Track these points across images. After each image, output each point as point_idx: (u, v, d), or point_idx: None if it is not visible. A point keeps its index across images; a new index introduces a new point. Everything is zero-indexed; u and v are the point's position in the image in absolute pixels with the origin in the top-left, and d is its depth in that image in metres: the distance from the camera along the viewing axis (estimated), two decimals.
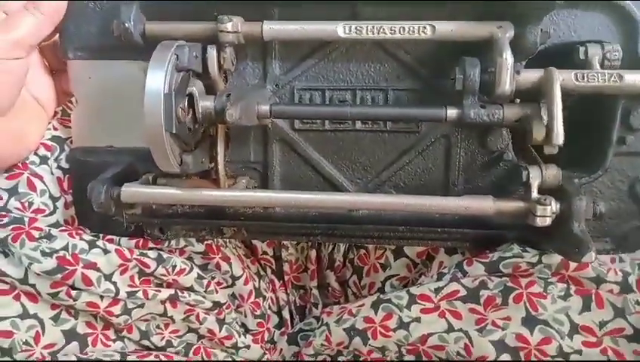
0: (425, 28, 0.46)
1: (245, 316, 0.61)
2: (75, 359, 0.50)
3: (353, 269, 0.61)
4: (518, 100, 0.47)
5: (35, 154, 0.53)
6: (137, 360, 0.53)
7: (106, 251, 0.51)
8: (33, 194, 0.52)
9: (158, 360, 0.53)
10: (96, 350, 0.52)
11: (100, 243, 0.51)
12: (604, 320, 0.47)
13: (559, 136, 0.43)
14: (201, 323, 0.56)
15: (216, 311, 0.58)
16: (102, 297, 0.51)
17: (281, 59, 0.51)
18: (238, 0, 0.48)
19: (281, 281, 0.65)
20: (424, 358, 0.50)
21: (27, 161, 0.52)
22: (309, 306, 0.64)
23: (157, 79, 0.43)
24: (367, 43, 0.49)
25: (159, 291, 0.53)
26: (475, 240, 0.52)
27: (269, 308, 0.64)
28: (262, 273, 0.64)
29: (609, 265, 0.49)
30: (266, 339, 0.62)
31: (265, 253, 0.64)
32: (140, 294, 0.52)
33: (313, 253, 0.63)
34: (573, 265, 0.48)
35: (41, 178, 0.53)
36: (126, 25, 0.47)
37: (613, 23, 0.48)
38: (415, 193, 0.52)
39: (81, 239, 0.51)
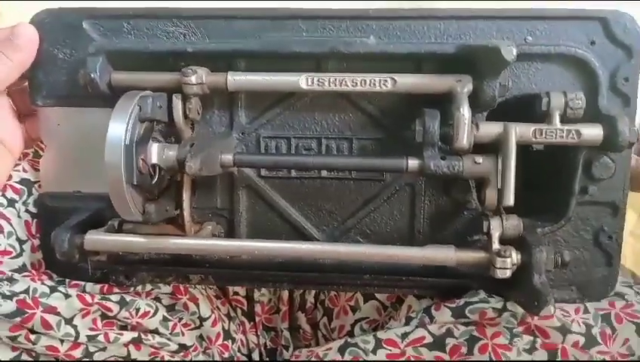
0: (386, 81, 0.47)
1: (213, 358, 0.60)
2: None
3: (324, 311, 0.61)
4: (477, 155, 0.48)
5: (3, 196, 0.53)
6: None
7: (67, 295, 0.51)
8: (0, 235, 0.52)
9: None
10: None
11: (61, 288, 0.51)
12: None
13: (510, 198, 0.44)
14: None
15: (182, 353, 0.57)
16: (62, 341, 0.51)
17: (247, 108, 0.52)
18: (205, 52, 0.49)
19: (252, 323, 0.65)
20: None
21: None
22: (280, 349, 0.64)
23: (118, 130, 0.43)
24: (332, 93, 0.50)
25: (122, 334, 0.53)
26: (440, 289, 0.52)
27: (239, 350, 0.63)
28: (232, 314, 0.64)
29: (573, 316, 0.49)
30: None
31: (236, 293, 0.64)
32: (101, 338, 0.52)
33: (285, 294, 0.63)
34: None
35: (8, 220, 0.53)
36: (92, 75, 0.48)
37: (573, 75, 0.49)
38: (381, 240, 0.52)
39: (43, 283, 0.51)
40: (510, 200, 0.45)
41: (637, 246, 0.81)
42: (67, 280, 0.54)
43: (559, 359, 0.47)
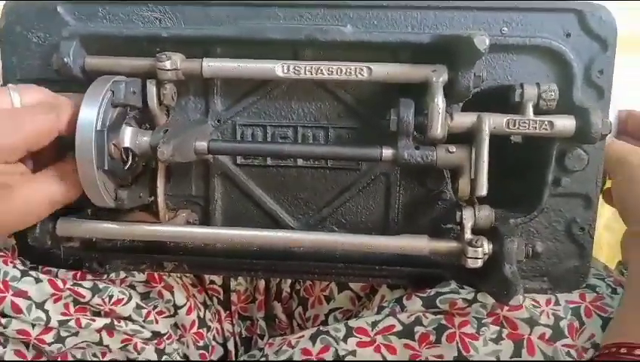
0: (362, 69, 0.47)
1: (187, 346, 0.60)
2: None
3: (299, 301, 0.61)
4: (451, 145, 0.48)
5: None
6: None
7: (37, 280, 0.51)
8: None
9: None
10: None
11: (32, 272, 0.51)
12: None
13: (482, 188, 0.44)
14: (139, 353, 0.56)
15: (155, 341, 0.57)
16: (33, 325, 0.50)
17: (223, 96, 0.51)
18: (180, 38, 0.49)
19: (228, 312, 0.64)
20: None
21: None
22: (255, 338, 0.64)
23: (89, 115, 0.43)
24: (309, 82, 0.50)
25: (94, 320, 0.53)
26: (414, 278, 0.53)
27: (214, 339, 0.63)
28: (208, 303, 0.64)
29: (543, 307, 0.49)
30: None
31: (212, 282, 0.64)
32: (72, 323, 0.51)
33: (262, 284, 0.63)
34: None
35: None
36: (65, 60, 0.47)
37: (548, 67, 0.49)
38: (356, 229, 0.52)
39: (15, 267, 0.51)
40: (483, 190, 0.45)
41: (612, 240, 0.82)
42: (40, 266, 0.53)
43: (524, 349, 0.47)
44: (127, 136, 0.46)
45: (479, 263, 0.45)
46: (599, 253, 0.57)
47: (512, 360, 0.47)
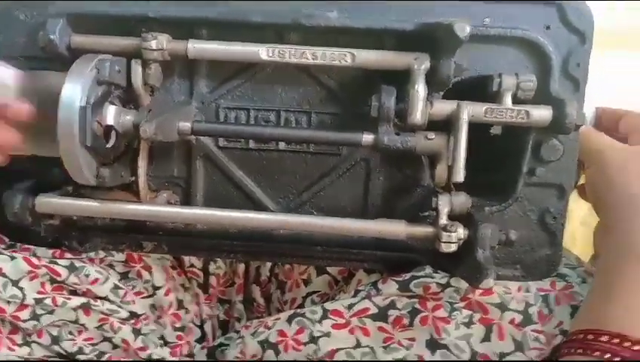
0: (345, 55, 0.47)
1: (165, 327, 0.61)
2: None
3: (277, 284, 0.62)
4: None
5: None
6: None
7: (12, 258, 0.51)
8: None
9: None
10: None
11: (7, 251, 0.51)
12: (503, 352, 0.48)
13: (459, 174, 0.46)
14: (115, 333, 0.56)
15: (132, 321, 0.58)
16: (8, 302, 0.51)
17: (207, 78, 0.52)
18: (166, 18, 0.49)
19: (207, 295, 0.65)
20: None
21: None
22: (233, 321, 0.65)
23: (73, 91, 0.43)
24: (293, 67, 0.50)
25: (70, 299, 0.53)
26: (389, 262, 0.54)
27: (192, 321, 0.64)
28: (187, 285, 0.64)
29: (514, 294, 0.50)
30: (185, 352, 0.62)
31: (192, 265, 0.64)
32: (48, 301, 0.52)
33: (241, 268, 0.64)
34: (479, 290, 0.50)
35: None
36: (51, 37, 0.47)
37: (528, 58, 0.50)
38: (335, 214, 0.53)
39: None
40: (460, 176, 0.46)
41: (587, 235, 0.83)
42: (19, 244, 0.53)
43: (494, 334, 0.49)
44: (111, 113, 0.46)
45: (453, 248, 0.46)
46: (574, 248, 0.58)
47: None
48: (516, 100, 0.47)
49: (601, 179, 0.50)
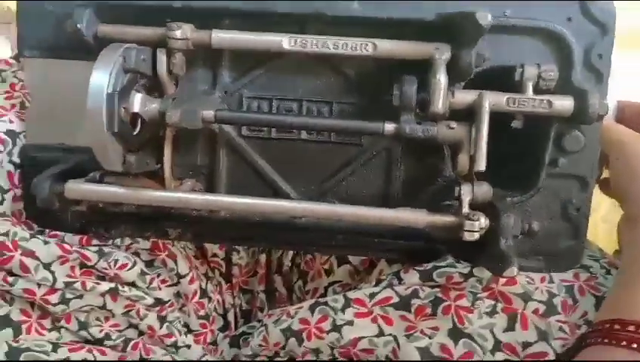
0: (367, 45, 0.48)
1: (189, 315, 0.62)
2: (6, 347, 0.51)
3: (299, 274, 0.63)
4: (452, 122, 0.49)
5: None
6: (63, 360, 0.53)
7: (46, 242, 0.52)
8: None
9: (90, 354, 0.54)
10: (29, 338, 0.53)
11: (40, 236, 0.52)
12: (527, 342, 0.48)
13: (481, 163, 0.46)
14: (141, 319, 0.57)
15: (158, 308, 0.59)
16: (39, 285, 0.52)
17: (230, 68, 0.53)
18: (191, 8, 0.50)
19: (229, 284, 0.66)
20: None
21: None
22: (255, 311, 0.66)
23: (101, 79, 0.44)
24: (314, 57, 0.51)
25: (99, 283, 0.54)
26: (411, 252, 0.54)
27: (215, 309, 0.64)
28: (210, 274, 0.65)
29: (538, 284, 0.50)
30: (208, 341, 0.63)
31: (215, 255, 0.65)
32: (77, 285, 0.53)
33: (263, 258, 0.64)
34: (502, 280, 0.50)
35: None
36: (78, 26, 0.49)
37: (549, 48, 0.50)
38: (356, 203, 0.53)
39: (24, 229, 0.52)
40: (482, 165, 0.46)
41: (609, 232, 0.82)
42: (46, 230, 0.55)
43: (518, 323, 0.48)
44: (137, 101, 0.47)
45: (476, 236, 0.46)
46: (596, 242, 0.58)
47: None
48: (538, 90, 0.47)
49: (625, 171, 0.50)
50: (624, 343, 0.42)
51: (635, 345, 0.41)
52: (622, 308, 0.45)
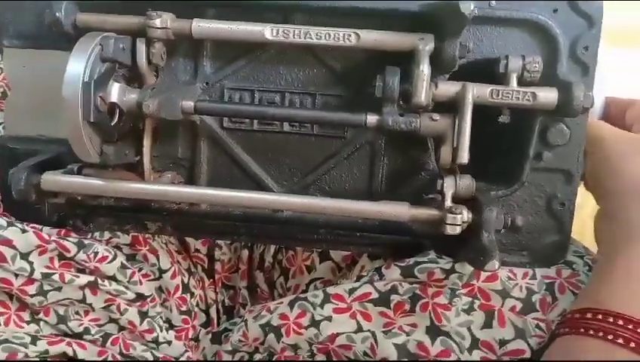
0: (350, 35, 0.47)
1: (171, 311, 0.61)
2: None
3: (281, 270, 0.62)
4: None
5: None
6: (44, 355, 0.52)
7: (23, 231, 0.51)
8: None
9: (69, 347, 0.54)
10: (7, 330, 0.52)
11: (18, 223, 0.52)
12: (504, 339, 0.48)
13: (464, 155, 0.45)
14: (121, 314, 0.57)
15: (139, 303, 0.58)
16: (16, 275, 0.51)
17: (212, 58, 0.52)
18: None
19: (212, 280, 0.65)
20: (334, 358, 0.51)
21: None
22: (238, 307, 0.65)
23: (77, 67, 0.43)
24: (298, 48, 0.50)
25: (78, 276, 0.53)
26: (393, 246, 0.53)
27: (197, 305, 0.64)
28: (193, 270, 0.64)
29: (519, 280, 0.50)
30: (190, 337, 0.62)
31: (197, 250, 0.64)
32: (56, 277, 0.52)
33: (245, 254, 0.64)
34: (483, 276, 0.49)
35: None
36: (57, 15, 0.48)
37: (535, 40, 0.49)
38: (339, 197, 0.52)
39: (1, 217, 0.51)
40: (464, 158, 0.46)
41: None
42: (24, 223, 0.54)
43: (495, 320, 0.48)
44: (115, 91, 0.46)
45: (458, 230, 0.46)
46: (583, 240, 0.57)
47: None
48: (522, 82, 0.47)
49: (603, 167, 0.50)
50: (592, 332, 0.42)
51: (601, 334, 0.41)
52: (594, 299, 0.45)
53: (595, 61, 0.49)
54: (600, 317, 0.42)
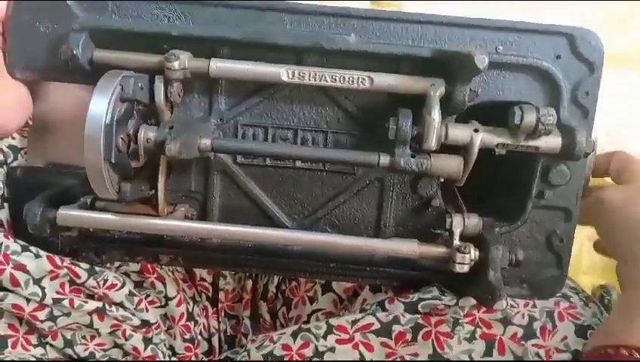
0: (364, 79, 0.49)
1: (174, 338, 0.62)
2: None
3: (284, 301, 0.63)
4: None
5: None
6: None
7: (37, 256, 0.52)
8: None
9: None
10: (14, 352, 0.53)
11: (32, 248, 0.52)
12: None
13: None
14: (126, 340, 0.57)
15: (144, 329, 0.59)
16: (28, 300, 0.51)
17: (226, 95, 0.53)
18: (189, 37, 0.50)
19: (215, 309, 0.66)
20: None
21: None
22: (240, 336, 0.66)
23: (99, 109, 0.44)
24: (310, 87, 0.51)
25: (86, 302, 0.54)
26: (401, 280, 0.55)
27: (200, 333, 0.64)
28: (197, 298, 0.65)
29: (521, 308, 0.52)
30: None
31: (203, 279, 0.65)
32: (66, 302, 0.53)
33: (249, 284, 0.65)
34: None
35: None
36: (74, 51, 0.48)
37: (538, 86, 0.51)
38: (349, 231, 0.54)
39: (16, 242, 0.52)
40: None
41: (596, 258, 0.84)
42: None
43: (495, 349, 0.50)
44: (134, 130, 0.47)
45: (466, 268, 0.48)
46: (580, 261, 0.60)
47: (483, 360, 0.50)
48: (536, 133, 0.48)
49: (609, 226, 0.53)
50: None
51: None
52: (617, 336, 0.47)
53: (595, 105, 0.52)
54: (622, 351, 0.44)
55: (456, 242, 0.49)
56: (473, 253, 0.48)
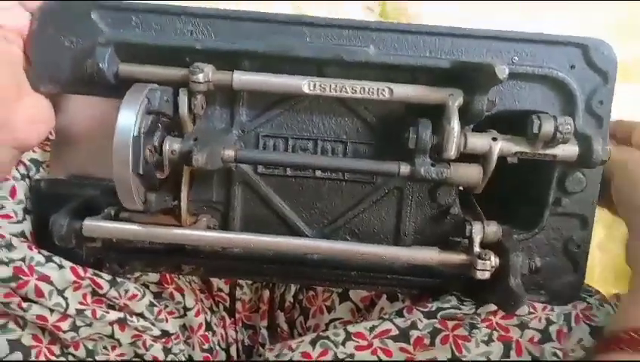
0: (384, 90, 0.50)
1: (193, 348, 0.62)
2: None
3: (301, 310, 0.64)
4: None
5: (17, 169, 0.55)
6: None
7: (60, 266, 0.52)
8: (10, 200, 0.54)
9: None
10: None
11: (56, 258, 0.53)
12: None
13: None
14: (147, 350, 0.58)
15: (164, 339, 0.59)
16: (52, 311, 0.52)
17: (248, 107, 0.54)
18: (212, 51, 0.51)
19: (233, 319, 0.66)
20: None
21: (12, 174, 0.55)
22: (257, 347, 0.66)
23: (127, 121, 0.45)
24: (331, 98, 0.52)
25: (108, 312, 0.54)
26: (420, 287, 0.56)
27: (218, 344, 0.65)
28: (215, 309, 0.66)
29: (539, 312, 0.53)
30: None
31: (220, 289, 0.66)
32: (88, 313, 0.53)
33: (266, 294, 0.65)
34: (501, 313, 0.52)
35: (21, 189, 0.55)
36: (100, 65, 0.49)
37: (554, 96, 0.53)
38: (368, 240, 0.55)
39: (39, 253, 0.52)
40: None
41: (604, 260, 0.86)
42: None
43: (513, 350, 0.51)
44: (159, 142, 0.48)
45: (487, 275, 0.48)
46: (591, 271, 0.61)
47: (502, 360, 0.51)
48: (554, 141, 0.49)
49: (629, 187, 0.52)
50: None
51: None
52: (630, 319, 0.48)
53: (609, 114, 0.53)
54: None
55: (477, 249, 0.50)
56: (494, 260, 0.49)
